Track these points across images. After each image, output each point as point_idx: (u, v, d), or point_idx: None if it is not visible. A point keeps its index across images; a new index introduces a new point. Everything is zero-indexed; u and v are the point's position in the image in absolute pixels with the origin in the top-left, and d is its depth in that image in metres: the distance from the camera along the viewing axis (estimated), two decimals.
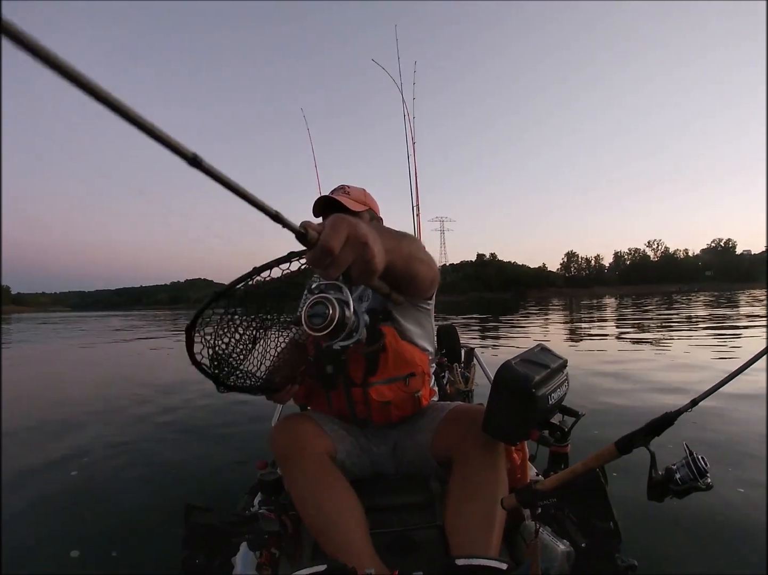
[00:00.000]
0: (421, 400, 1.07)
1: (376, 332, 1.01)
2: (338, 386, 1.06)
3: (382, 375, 1.04)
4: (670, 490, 0.63)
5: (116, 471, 2.45)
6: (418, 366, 1.06)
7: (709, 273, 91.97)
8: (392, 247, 0.61)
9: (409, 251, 0.71)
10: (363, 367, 1.03)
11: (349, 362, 1.04)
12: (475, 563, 0.70)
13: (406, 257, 0.69)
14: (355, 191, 1.22)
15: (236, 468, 2.35)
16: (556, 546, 0.88)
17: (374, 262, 0.52)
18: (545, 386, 0.85)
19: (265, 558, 0.95)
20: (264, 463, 1.20)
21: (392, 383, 1.04)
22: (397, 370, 1.04)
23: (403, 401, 1.06)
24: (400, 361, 1.04)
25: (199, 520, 0.92)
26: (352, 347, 1.01)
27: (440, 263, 4.91)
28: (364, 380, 1.04)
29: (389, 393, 1.04)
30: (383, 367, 1.03)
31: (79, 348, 10.50)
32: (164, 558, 1.53)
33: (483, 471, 0.92)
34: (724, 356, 5.18)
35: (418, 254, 0.75)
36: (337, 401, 1.10)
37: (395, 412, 1.07)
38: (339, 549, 0.87)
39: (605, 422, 2.75)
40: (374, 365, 1.03)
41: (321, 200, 1.16)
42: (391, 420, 1.09)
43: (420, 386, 1.07)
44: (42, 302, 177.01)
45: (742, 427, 2.51)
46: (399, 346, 1.04)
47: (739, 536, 1.50)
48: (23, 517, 1.93)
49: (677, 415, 0.63)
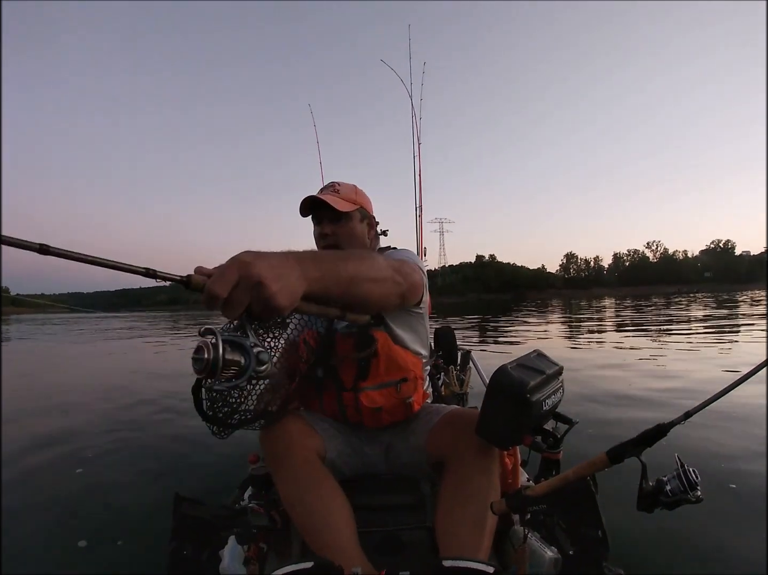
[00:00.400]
0: (412, 406, 1.06)
1: (368, 337, 1.01)
2: (330, 390, 1.06)
3: (374, 380, 1.03)
4: (660, 501, 0.63)
5: (115, 465, 2.46)
6: (410, 371, 1.05)
7: (709, 274, 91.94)
8: (322, 275, 0.62)
9: (353, 274, 0.69)
10: (354, 372, 1.03)
11: (340, 367, 1.03)
12: (461, 565, 0.70)
13: (346, 281, 0.68)
14: (346, 188, 1.16)
15: (229, 461, 2.35)
16: (544, 552, 0.88)
17: (273, 299, 0.53)
18: (540, 391, 0.85)
19: (253, 552, 0.95)
20: (256, 457, 1.20)
21: (383, 388, 1.03)
22: (389, 375, 1.03)
23: (394, 407, 1.04)
24: (392, 366, 1.03)
25: (188, 512, 0.92)
26: (344, 351, 1.02)
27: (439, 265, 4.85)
28: (354, 384, 1.03)
29: (380, 399, 1.03)
30: (375, 372, 1.02)
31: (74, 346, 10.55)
32: (156, 549, 1.54)
33: (476, 475, 0.92)
34: (722, 358, 5.17)
35: (368, 274, 0.73)
36: (328, 405, 1.09)
37: (386, 417, 1.06)
38: (326, 547, 0.87)
39: (598, 430, 2.75)
40: (365, 370, 1.02)
41: (308, 200, 1.10)
42: (383, 424, 1.08)
43: (412, 392, 1.05)
44: (41, 303, 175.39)
45: (737, 440, 2.51)
46: (391, 351, 1.03)
47: (731, 548, 1.50)
48: (31, 511, 1.96)
49: (670, 427, 0.63)
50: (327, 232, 1.11)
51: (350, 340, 1.03)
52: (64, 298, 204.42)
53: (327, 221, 1.11)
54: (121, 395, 4.44)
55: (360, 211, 1.16)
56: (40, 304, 19.32)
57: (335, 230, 1.11)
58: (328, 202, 1.07)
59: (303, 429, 1.04)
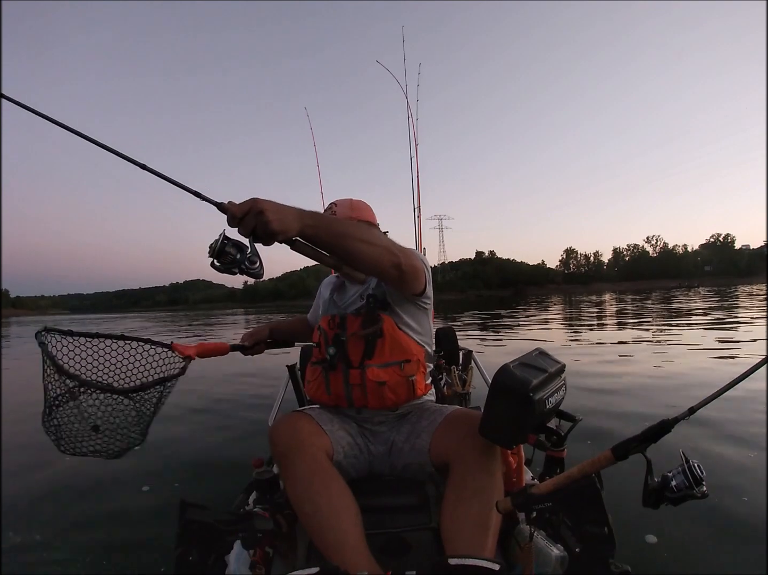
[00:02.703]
0: (415, 386, 1.12)
1: (375, 316, 1.11)
2: (337, 369, 1.13)
3: (380, 359, 1.11)
4: (665, 497, 0.63)
5: (119, 470, 2.44)
6: (413, 354, 1.13)
7: (709, 268, 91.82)
8: (315, 223, 0.82)
9: (345, 231, 0.87)
10: (361, 350, 1.11)
11: (348, 344, 1.12)
12: (467, 563, 0.70)
13: (338, 235, 0.85)
14: (342, 207, 1.26)
15: (234, 465, 2.35)
16: (550, 550, 0.88)
17: (269, 225, 0.74)
18: (543, 390, 0.85)
19: (259, 556, 0.94)
20: (260, 461, 1.20)
21: (388, 367, 1.11)
22: (393, 356, 1.11)
23: (397, 384, 1.11)
24: (396, 348, 1.12)
25: (194, 517, 0.92)
26: (353, 329, 1.12)
27: (439, 262, 4.86)
28: (361, 362, 1.11)
29: (384, 375, 1.10)
30: (380, 351, 1.11)
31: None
32: (162, 555, 1.54)
33: (480, 475, 0.92)
34: (724, 355, 5.16)
35: (360, 235, 0.89)
36: (335, 386, 1.14)
37: (390, 395, 1.11)
38: (333, 548, 0.87)
39: (602, 427, 2.74)
40: (371, 349, 1.11)
41: None
42: (386, 406, 1.12)
43: (415, 371, 1.13)
44: (41, 305, 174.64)
45: (742, 434, 2.50)
46: (396, 334, 1.12)
47: (737, 544, 1.50)
48: (34, 516, 1.97)
49: (674, 422, 0.63)
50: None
51: (359, 319, 1.14)
52: (65, 299, 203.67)
53: None
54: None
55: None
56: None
57: None
58: None
59: (312, 429, 1.06)
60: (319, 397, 1.20)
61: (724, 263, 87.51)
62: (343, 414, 1.19)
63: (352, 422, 1.18)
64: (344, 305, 1.24)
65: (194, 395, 4.20)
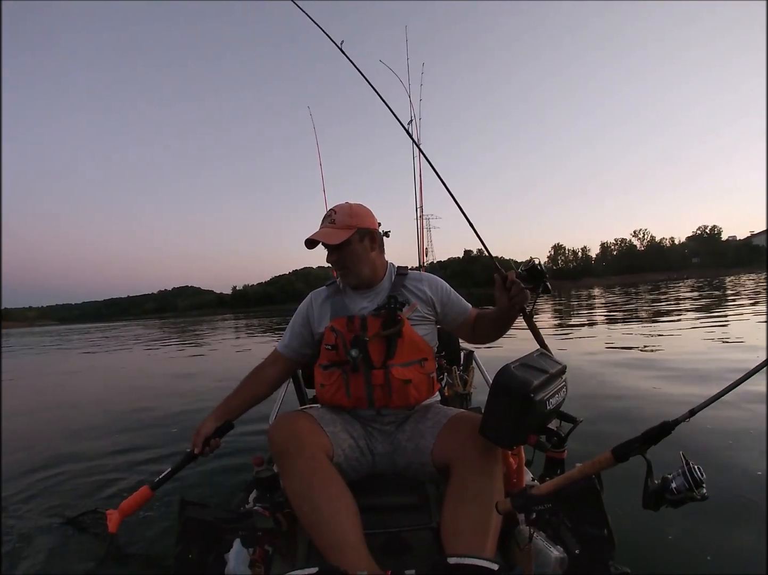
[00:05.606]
0: (434, 381, 1.20)
1: (395, 317, 1.15)
2: (359, 370, 1.13)
3: (400, 359, 1.14)
4: (665, 499, 0.63)
5: (119, 469, 2.45)
6: (428, 353, 1.19)
7: (696, 260, 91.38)
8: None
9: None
10: (383, 351, 1.14)
11: (370, 345, 1.13)
12: (466, 562, 0.70)
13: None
14: (341, 213, 1.21)
15: (234, 464, 2.35)
16: (549, 551, 0.88)
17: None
18: (543, 391, 0.85)
19: (258, 555, 0.95)
20: (260, 460, 1.20)
21: (410, 365, 1.15)
22: (412, 355, 1.15)
23: (420, 381, 1.15)
24: (413, 347, 1.16)
25: (194, 515, 0.92)
26: (374, 329, 1.14)
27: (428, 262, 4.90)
28: (383, 362, 1.13)
29: (408, 374, 1.14)
30: (400, 351, 1.14)
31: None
32: (162, 553, 1.54)
33: (481, 477, 0.93)
34: (724, 351, 5.13)
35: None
36: (355, 389, 1.15)
37: (414, 393, 1.14)
38: (332, 547, 0.87)
39: (602, 428, 2.74)
40: (392, 349, 1.13)
41: (307, 242, 1.23)
42: (409, 404, 1.15)
43: (433, 368, 1.20)
44: (29, 316, 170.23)
45: (741, 437, 2.49)
46: (412, 334, 1.16)
47: (737, 543, 1.50)
48: (35, 515, 1.99)
49: (675, 424, 0.63)
50: (332, 259, 1.24)
51: (379, 320, 1.16)
52: (53, 309, 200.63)
53: (330, 250, 1.23)
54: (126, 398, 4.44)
55: (358, 232, 1.20)
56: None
57: (339, 256, 1.21)
58: (323, 240, 1.19)
59: (312, 428, 1.06)
60: (338, 400, 1.17)
61: (711, 255, 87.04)
62: (349, 415, 1.19)
63: (357, 424, 1.18)
64: (359, 308, 1.22)
65: (194, 394, 4.21)
